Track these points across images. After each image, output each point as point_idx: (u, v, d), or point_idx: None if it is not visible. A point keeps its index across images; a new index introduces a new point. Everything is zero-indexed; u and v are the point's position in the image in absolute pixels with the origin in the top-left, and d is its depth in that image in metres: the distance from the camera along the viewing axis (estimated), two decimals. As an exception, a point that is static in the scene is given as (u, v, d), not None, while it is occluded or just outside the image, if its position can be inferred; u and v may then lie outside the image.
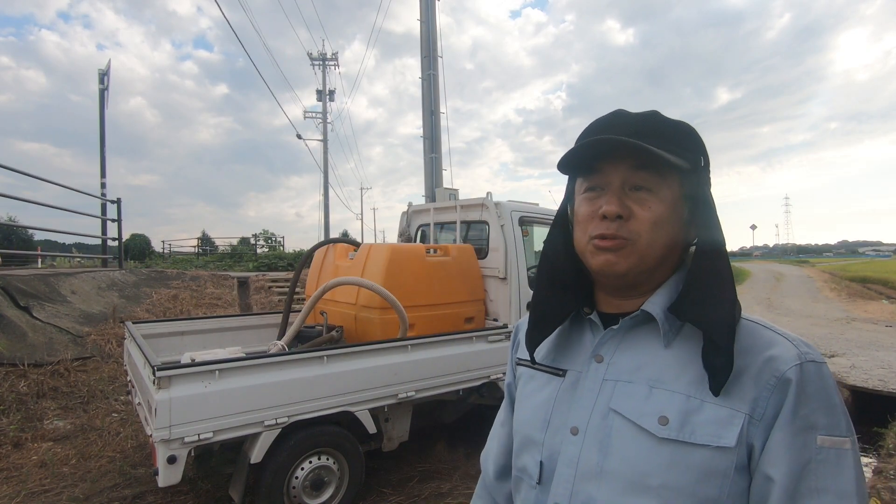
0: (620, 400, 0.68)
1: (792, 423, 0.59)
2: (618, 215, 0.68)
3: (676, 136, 0.70)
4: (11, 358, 4.75)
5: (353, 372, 2.87)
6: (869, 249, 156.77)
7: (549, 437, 0.73)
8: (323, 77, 24.88)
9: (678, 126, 0.71)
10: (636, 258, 0.69)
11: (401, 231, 5.12)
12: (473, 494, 0.98)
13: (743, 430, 0.61)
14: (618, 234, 0.68)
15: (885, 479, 3.48)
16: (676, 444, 0.62)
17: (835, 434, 0.59)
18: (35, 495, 3.18)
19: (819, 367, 0.62)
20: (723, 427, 0.61)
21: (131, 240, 26.89)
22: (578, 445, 0.69)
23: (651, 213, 0.68)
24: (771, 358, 0.62)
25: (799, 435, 0.59)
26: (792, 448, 0.59)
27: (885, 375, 6.02)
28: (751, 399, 0.61)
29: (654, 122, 0.71)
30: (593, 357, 0.73)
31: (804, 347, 0.63)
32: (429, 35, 9.05)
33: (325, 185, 23.76)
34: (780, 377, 0.61)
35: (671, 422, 0.63)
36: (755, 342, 0.65)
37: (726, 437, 0.61)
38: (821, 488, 0.58)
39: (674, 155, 0.68)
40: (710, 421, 0.62)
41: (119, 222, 9.46)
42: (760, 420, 0.61)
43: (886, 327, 10.41)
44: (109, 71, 12.74)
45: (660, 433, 0.63)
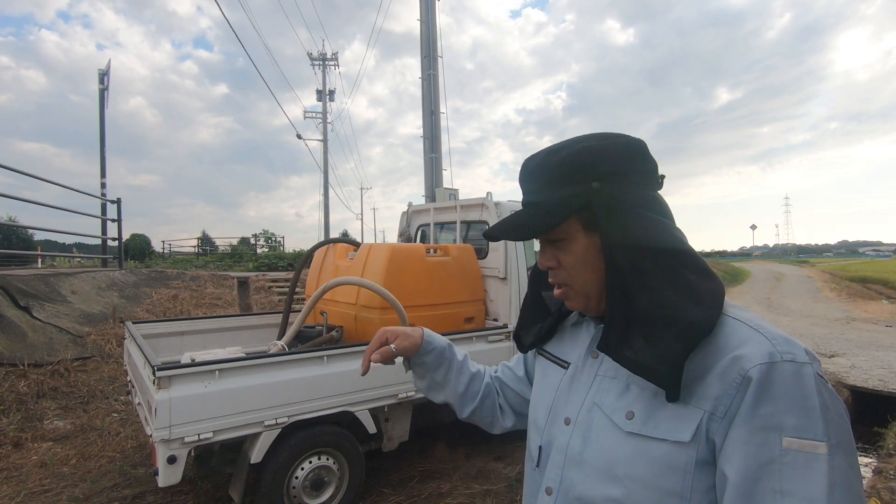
0: (601, 394, 0.73)
1: (749, 421, 0.59)
2: (549, 268, 0.79)
3: (565, 175, 0.73)
4: (11, 358, 4.75)
5: (353, 372, 2.87)
6: (869, 249, 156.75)
7: (548, 424, 0.80)
8: (323, 77, 24.90)
9: (564, 163, 0.74)
10: (582, 297, 0.77)
11: (401, 231, 5.12)
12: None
13: (701, 427, 0.62)
14: (557, 282, 0.78)
15: (885, 479, 3.48)
16: (639, 438, 0.66)
17: (805, 437, 0.57)
18: (35, 495, 3.18)
19: (797, 368, 0.60)
20: (681, 422, 0.63)
21: (131, 240, 26.90)
22: (568, 435, 0.75)
23: (571, 258, 0.75)
24: (738, 357, 0.62)
25: (758, 434, 0.58)
26: (748, 446, 0.58)
27: (885, 375, 6.02)
28: (713, 397, 0.62)
29: (542, 171, 0.76)
30: (589, 353, 0.79)
31: (783, 346, 0.62)
32: (429, 35, 9.05)
33: (325, 185, 23.78)
34: (743, 375, 0.61)
35: (636, 416, 0.67)
36: (728, 341, 0.65)
37: (683, 433, 0.63)
38: (784, 491, 0.56)
39: (563, 196, 0.73)
40: (671, 417, 0.64)
41: (119, 222, 9.46)
42: (723, 418, 0.61)
43: (886, 327, 10.41)
44: (109, 71, 12.74)
45: (626, 427, 0.68)
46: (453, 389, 1.00)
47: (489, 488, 3.27)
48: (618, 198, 0.72)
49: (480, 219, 4.26)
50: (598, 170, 0.72)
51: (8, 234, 23.17)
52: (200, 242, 25.48)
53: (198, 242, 25.25)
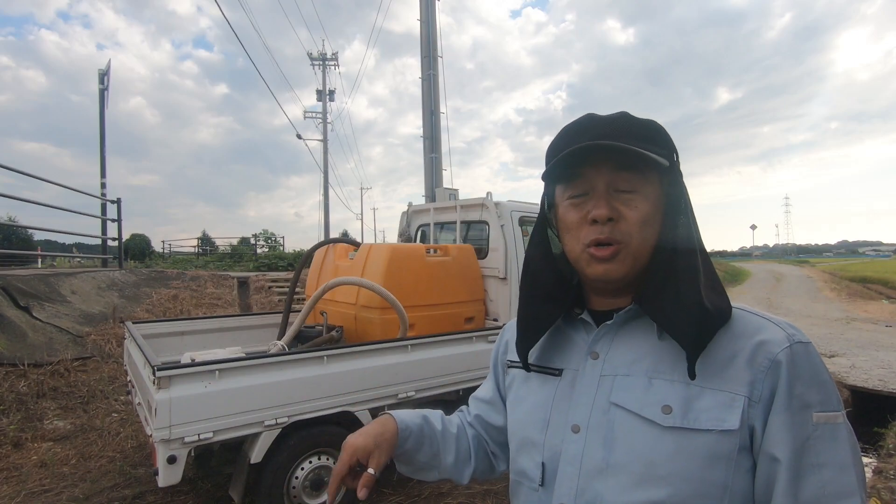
0: (621, 393, 0.69)
1: (789, 404, 0.62)
2: (609, 218, 0.69)
3: (650, 135, 0.71)
4: (11, 358, 4.74)
5: (353, 372, 2.87)
6: (869, 249, 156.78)
7: (549, 437, 0.73)
8: (323, 77, 24.90)
9: (649, 125, 0.72)
10: (631, 260, 0.70)
11: (401, 231, 5.12)
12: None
13: (745, 412, 0.62)
14: (611, 237, 0.69)
15: (885, 479, 3.48)
16: (681, 432, 0.63)
17: (828, 409, 0.62)
18: (35, 495, 3.18)
19: (806, 347, 0.64)
20: (725, 411, 0.62)
21: (131, 240, 26.90)
22: (581, 443, 0.69)
23: (638, 213, 0.69)
24: (762, 342, 0.64)
25: (797, 414, 0.61)
26: (792, 428, 0.61)
27: (885, 375, 6.02)
28: (747, 381, 0.63)
29: (626, 122, 0.71)
30: (589, 354, 0.74)
31: (790, 329, 0.66)
32: (429, 35, 9.05)
33: (325, 185, 23.78)
34: (772, 359, 0.63)
35: (674, 410, 0.64)
36: (745, 328, 0.67)
37: (730, 420, 0.62)
38: (821, 463, 0.60)
39: (657, 150, 0.70)
40: (712, 406, 0.63)
41: (119, 222, 9.45)
42: (759, 402, 0.63)
43: (886, 327, 10.41)
44: (109, 71, 12.75)
45: (664, 422, 0.64)
46: (444, 463, 0.88)
47: (489, 488, 3.27)
48: (681, 180, 0.74)
49: (480, 219, 4.26)
50: (673, 147, 0.73)
51: (8, 234, 23.17)
52: (200, 242, 25.47)
53: (198, 242, 25.25)
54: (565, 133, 0.75)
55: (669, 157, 0.71)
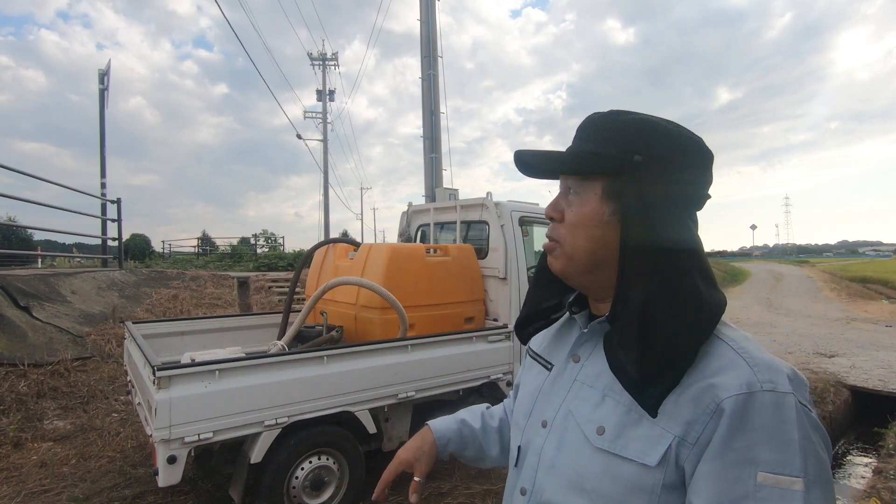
0: (577, 403, 0.71)
1: (723, 455, 0.56)
2: (551, 217, 0.75)
3: (609, 137, 0.69)
4: (11, 358, 4.74)
5: (353, 372, 2.87)
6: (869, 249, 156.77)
7: (528, 425, 0.79)
8: (323, 77, 24.90)
9: (617, 126, 0.69)
10: (564, 260, 0.73)
11: (401, 231, 5.12)
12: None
13: (670, 451, 0.59)
14: (551, 234, 0.75)
15: (885, 479, 3.48)
16: (608, 455, 0.64)
17: (781, 472, 0.54)
18: (35, 495, 3.18)
19: (778, 398, 0.56)
20: (651, 445, 0.61)
21: (131, 240, 26.91)
22: (544, 438, 0.74)
23: (571, 215, 0.71)
24: (714, 384, 0.59)
25: (731, 468, 0.55)
26: (720, 480, 0.56)
27: (885, 375, 6.03)
28: (685, 421, 0.59)
29: (593, 123, 0.73)
30: (571, 356, 0.77)
31: (765, 374, 0.58)
32: (429, 35, 9.05)
33: (325, 185, 23.78)
34: (717, 404, 0.58)
35: (607, 432, 0.65)
36: (709, 363, 0.61)
37: (650, 456, 0.60)
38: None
39: (599, 154, 0.69)
40: (642, 437, 0.62)
41: (119, 222, 9.45)
42: (695, 444, 0.58)
43: (886, 327, 10.41)
44: (109, 71, 12.75)
45: (595, 442, 0.65)
46: (489, 455, 0.98)
47: (489, 488, 3.27)
48: (653, 182, 0.66)
49: (480, 219, 4.26)
50: (648, 146, 0.67)
51: (8, 234, 23.17)
52: (200, 242, 25.47)
53: (198, 242, 25.25)
54: None
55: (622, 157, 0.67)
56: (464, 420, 0.99)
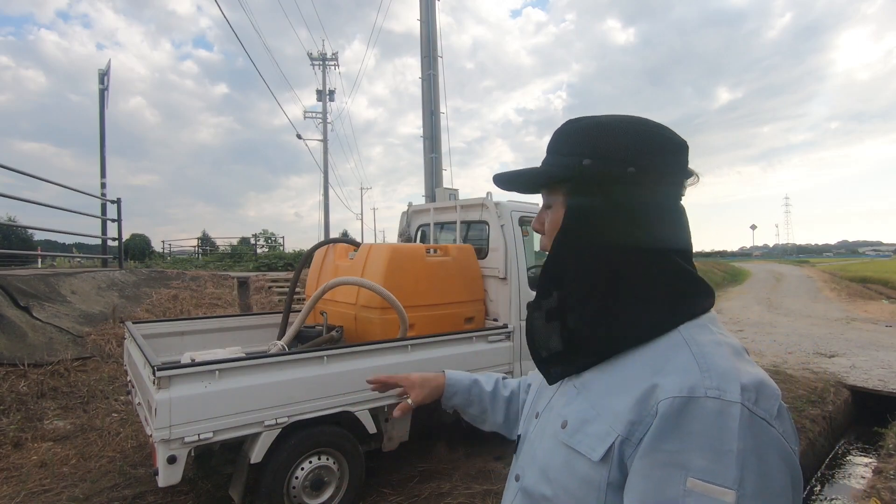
0: (558, 397, 0.76)
1: (651, 454, 0.57)
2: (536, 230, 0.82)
3: (565, 145, 0.74)
4: (11, 358, 4.75)
5: (353, 372, 2.87)
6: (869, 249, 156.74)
7: (526, 416, 0.85)
8: (323, 77, 24.91)
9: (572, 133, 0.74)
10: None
11: (401, 231, 5.12)
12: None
13: (613, 450, 0.61)
14: (543, 245, 0.80)
15: (885, 479, 3.48)
16: (567, 448, 0.67)
17: (713, 482, 0.52)
18: (35, 495, 3.18)
19: (722, 406, 0.55)
20: (598, 441, 0.63)
21: (131, 240, 26.92)
22: (534, 428, 0.79)
23: (549, 226, 0.77)
24: (657, 385, 0.59)
25: (659, 468, 0.56)
26: (648, 479, 0.56)
27: (885, 375, 6.03)
28: (629, 421, 0.60)
29: (556, 135, 0.76)
30: None
31: (713, 381, 0.57)
32: (429, 35, 9.05)
33: (325, 185, 23.78)
34: (655, 405, 0.58)
35: (568, 426, 0.68)
36: (664, 364, 0.62)
37: (595, 452, 0.63)
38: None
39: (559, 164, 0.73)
40: (595, 433, 0.64)
41: (119, 222, 9.45)
42: (638, 444, 0.59)
43: (886, 327, 10.41)
44: (109, 71, 12.75)
45: (557, 435, 0.70)
46: (493, 421, 1.04)
47: (489, 488, 3.27)
48: (601, 182, 0.68)
49: (480, 219, 4.26)
50: (596, 148, 0.69)
51: (8, 234, 23.17)
52: (200, 242, 25.47)
53: (198, 242, 25.24)
54: None
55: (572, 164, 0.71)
56: (477, 381, 1.07)
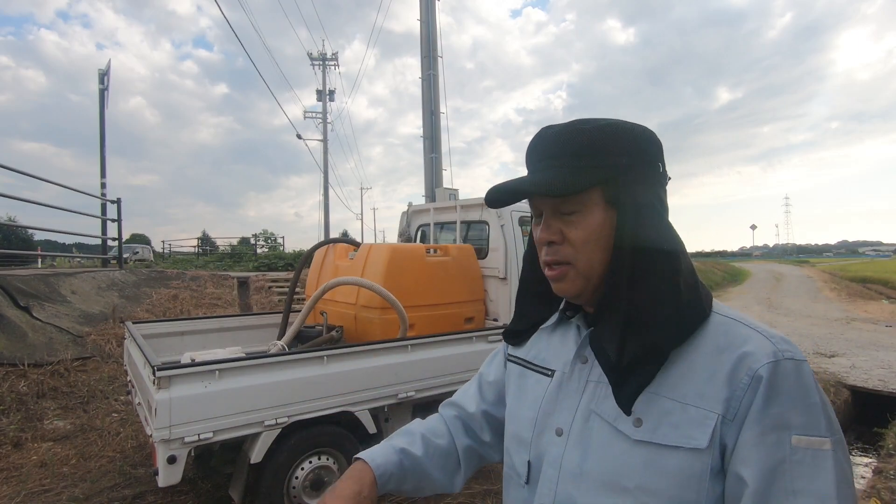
0: (599, 401, 0.69)
1: (761, 420, 0.58)
2: (550, 241, 0.71)
3: (591, 147, 0.69)
4: (11, 358, 4.74)
5: (353, 372, 2.87)
6: (869, 249, 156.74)
7: (536, 437, 0.75)
8: (323, 77, 24.91)
9: (595, 133, 0.69)
10: (581, 280, 0.71)
11: (401, 231, 5.12)
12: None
13: (715, 431, 0.60)
14: (557, 259, 0.71)
15: (885, 479, 3.48)
16: (650, 446, 0.62)
17: (811, 434, 0.57)
18: (35, 495, 3.18)
19: (798, 365, 0.60)
20: (695, 428, 0.60)
21: (131, 240, 26.89)
22: (562, 447, 0.70)
23: (581, 233, 0.69)
24: (744, 355, 0.61)
25: (770, 433, 0.58)
26: (762, 446, 0.57)
27: (885, 375, 6.03)
28: (724, 399, 0.60)
29: (568, 139, 0.70)
30: (578, 358, 0.75)
31: (782, 345, 0.62)
32: (429, 35, 9.06)
33: (325, 185, 23.79)
34: (752, 375, 0.60)
35: (645, 423, 0.63)
36: (731, 340, 0.63)
37: (698, 439, 0.60)
38: (797, 490, 0.56)
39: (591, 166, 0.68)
40: (684, 422, 0.61)
41: (119, 222, 9.45)
42: (733, 420, 0.60)
43: (886, 327, 10.41)
44: (109, 71, 12.75)
45: (634, 435, 0.64)
46: (432, 485, 0.87)
47: (489, 488, 3.27)
48: (641, 182, 0.69)
49: (480, 219, 4.27)
50: (628, 148, 0.69)
51: (8, 234, 23.17)
52: (200, 242, 25.48)
53: (198, 242, 25.26)
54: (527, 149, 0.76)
55: (615, 164, 0.69)
56: (404, 450, 0.84)
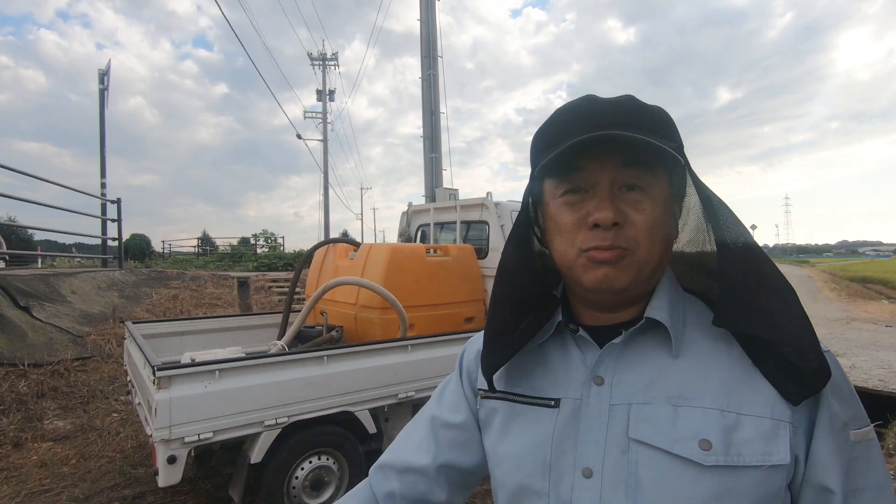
0: (642, 426, 0.56)
1: (832, 425, 0.54)
2: (614, 223, 0.57)
3: (660, 124, 0.60)
4: (11, 358, 4.74)
5: (353, 372, 2.87)
6: (869, 249, 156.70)
7: (553, 484, 0.60)
8: (323, 77, 24.91)
9: (660, 113, 0.60)
10: (636, 269, 0.58)
11: (401, 231, 5.12)
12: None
13: (791, 442, 0.53)
14: (615, 244, 0.57)
15: (885, 479, 3.48)
16: (724, 470, 0.52)
17: (863, 425, 0.56)
18: (35, 495, 3.18)
19: (832, 357, 0.56)
20: (770, 442, 0.53)
21: (131, 240, 26.90)
22: (596, 490, 0.57)
23: (647, 217, 0.58)
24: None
25: (839, 436, 0.54)
26: (840, 453, 0.54)
27: (885, 375, 6.02)
28: (788, 405, 0.54)
29: (635, 108, 0.60)
30: (592, 379, 0.61)
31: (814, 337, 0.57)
32: (429, 35, 9.06)
33: (325, 185, 23.79)
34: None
35: (714, 444, 0.53)
36: None
37: (778, 453, 0.52)
38: (861, 487, 0.54)
39: (667, 139, 0.59)
40: (755, 437, 0.53)
41: (119, 222, 9.45)
42: (799, 427, 0.54)
43: (886, 327, 10.41)
44: (109, 71, 12.75)
45: (705, 460, 0.53)
46: None
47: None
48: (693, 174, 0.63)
49: (480, 219, 4.27)
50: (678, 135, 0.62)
51: (8, 234, 23.16)
52: (200, 242, 25.47)
53: (198, 242, 25.24)
54: (562, 118, 0.62)
55: (680, 150, 0.60)
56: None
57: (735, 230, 0.59)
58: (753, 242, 0.58)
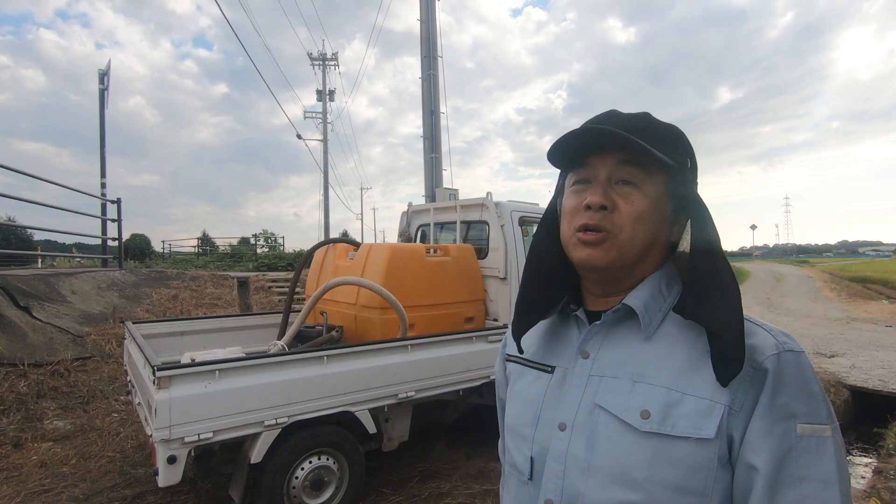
0: (605, 395, 0.69)
1: (770, 411, 0.60)
2: (602, 206, 0.70)
3: (665, 137, 0.72)
4: (11, 358, 4.74)
5: (353, 372, 2.87)
6: (869, 249, 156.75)
7: (538, 433, 0.74)
8: (323, 77, 24.91)
9: (668, 128, 0.73)
10: (616, 252, 0.70)
11: (401, 231, 5.12)
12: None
13: (723, 422, 0.61)
14: (600, 224, 0.70)
15: (885, 479, 3.48)
16: (658, 437, 0.63)
17: (815, 422, 0.60)
18: (35, 495, 3.18)
19: (797, 357, 0.63)
20: (703, 418, 0.62)
21: (131, 240, 26.87)
22: (566, 441, 0.70)
23: (634, 208, 0.70)
24: (749, 348, 0.63)
25: (779, 423, 0.60)
26: (772, 436, 0.60)
27: (885, 375, 6.02)
28: (730, 390, 0.62)
29: (645, 121, 0.73)
30: (580, 353, 0.75)
31: (782, 337, 0.64)
32: (429, 35, 9.05)
33: (325, 185, 23.78)
34: (757, 367, 0.62)
35: (652, 415, 0.64)
36: None
37: (706, 429, 0.61)
38: (802, 476, 0.58)
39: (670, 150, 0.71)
40: (691, 413, 0.62)
41: (119, 222, 9.45)
42: (740, 411, 0.61)
43: (886, 327, 10.41)
44: (109, 71, 12.74)
45: (642, 427, 0.64)
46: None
47: (489, 488, 3.27)
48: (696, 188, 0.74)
49: (480, 219, 4.27)
50: (690, 153, 0.74)
51: (8, 234, 23.16)
52: (200, 242, 25.47)
53: (198, 242, 25.24)
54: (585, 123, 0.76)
55: (682, 161, 0.72)
56: None
57: (708, 234, 0.70)
58: (718, 246, 0.69)
